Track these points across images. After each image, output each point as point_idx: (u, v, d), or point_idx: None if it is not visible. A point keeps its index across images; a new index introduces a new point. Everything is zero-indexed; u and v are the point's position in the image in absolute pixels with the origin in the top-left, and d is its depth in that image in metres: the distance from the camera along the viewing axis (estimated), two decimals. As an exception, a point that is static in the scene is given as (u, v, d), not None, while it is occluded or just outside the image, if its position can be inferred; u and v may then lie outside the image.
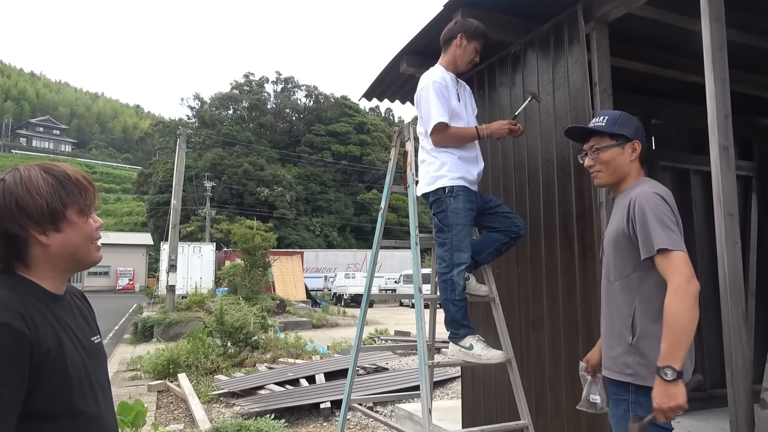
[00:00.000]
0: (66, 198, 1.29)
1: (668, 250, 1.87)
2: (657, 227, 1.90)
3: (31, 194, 1.25)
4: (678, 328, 1.79)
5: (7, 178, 1.29)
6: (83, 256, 1.35)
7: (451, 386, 7.79)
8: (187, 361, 9.32)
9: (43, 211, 1.25)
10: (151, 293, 30.79)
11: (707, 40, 2.57)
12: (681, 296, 1.81)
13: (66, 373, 1.24)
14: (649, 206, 1.94)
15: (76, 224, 1.31)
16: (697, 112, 2.69)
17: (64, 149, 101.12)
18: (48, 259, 1.29)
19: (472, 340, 3.04)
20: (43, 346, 1.20)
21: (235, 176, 46.80)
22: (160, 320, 16.29)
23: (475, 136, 3.14)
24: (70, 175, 1.32)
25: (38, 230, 1.26)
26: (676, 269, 1.85)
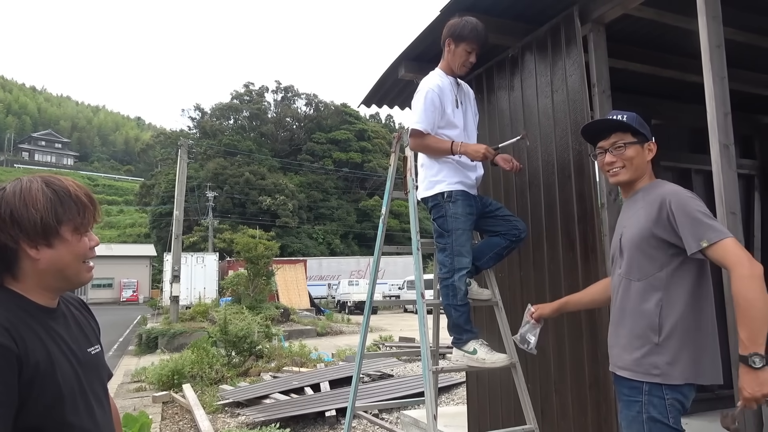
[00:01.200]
0: (62, 215, 1.27)
1: (721, 240, 1.85)
2: (705, 221, 1.90)
3: (27, 207, 1.24)
4: (756, 313, 1.74)
5: (7, 187, 1.28)
6: (72, 275, 1.32)
7: (456, 392, 7.75)
8: (192, 372, 9.30)
9: (36, 226, 1.24)
10: (155, 304, 30.80)
11: (705, 38, 2.56)
12: (749, 281, 1.77)
13: (57, 388, 1.22)
14: (690, 204, 1.95)
15: (69, 242, 1.28)
16: (698, 111, 2.69)
17: (66, 162, 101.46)
18: (36, 274, 1.27)
19: (476, 345, 3.02)
20: (31, 360, 1.18)
21: (237, 186, 46.90)
22: (164, 331, 16.27)
23: (448, 152, 3.05)
24: (70, 191, 1.30)
25: (29, 244, 1.24)
26: (736, 255, 1.82)
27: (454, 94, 3.19)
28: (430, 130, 3.09)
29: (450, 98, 3.16)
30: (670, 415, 1.92)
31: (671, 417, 1.92)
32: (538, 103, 3.66)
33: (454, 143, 3.04)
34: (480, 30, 3.11)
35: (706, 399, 4.15)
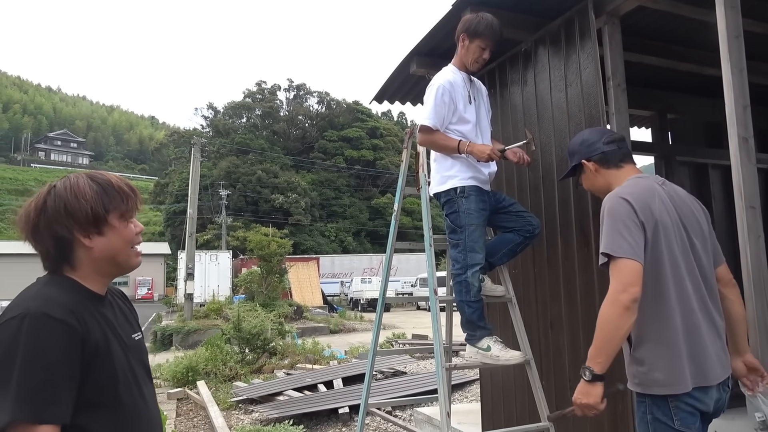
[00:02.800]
0: (108, 204, 1.39)
1: (612, 256, 1.86)
2: (608, 232, 1.90)
3: (77, 199, 1.35)
4: (602, 335, 1.84)
5: (58, 184, 1.40)
6: (123, 260, 1.43)
7: (470, 389, 7.73)
8: (206, 369, 9.36)
9: (88, 216, 1.35)
10: (169, 302, 31.06)
11: (723, 29, 2.51)
12: (611, 305, 1.83)
13: (112, 367, 1.34)
14: (608, 210, 1.95)
15: (117, 228, 1.40)
16: (714, 105, 2.65)
17: (82, 162, 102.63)
18: (91, 261, 1.38)
19: (489, 342, 3.00)
20: (92, 341, 1.29)
21: (250, 184, 47.11)
22: (178, 328, 16.41)
23: (454, 150, 3.04)
24: (113, 182, 1.43)
25: (83, 233, 1.36)
26: (615, 276, 1.84)
27: (467, 90, 3.16)
28: (439, 127, 3.07)
29: (462, 94, 3.13)
30: (675, 417, 1.87)
31: (677, 419, 1.87)
32: (551, 97, 3.62)
33: (461, 142, 3.02)
34: (495, 27, 3.08)
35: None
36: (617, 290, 1.82)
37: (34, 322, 1.23)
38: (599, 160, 2.14)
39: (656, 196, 1.97)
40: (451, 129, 3.11)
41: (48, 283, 1.36)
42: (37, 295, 1.31)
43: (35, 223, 1.36)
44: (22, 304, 1.28)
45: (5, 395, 1.18)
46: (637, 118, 5.80)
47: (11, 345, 1.21)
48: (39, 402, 1.19)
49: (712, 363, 1.89)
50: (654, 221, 1.90)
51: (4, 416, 1.17)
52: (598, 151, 2.14)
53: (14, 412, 1.17)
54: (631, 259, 1.83)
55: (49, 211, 1.35)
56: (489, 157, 2.97)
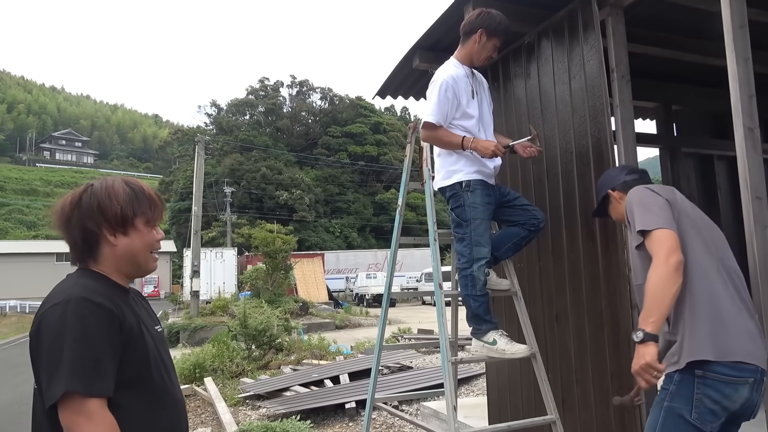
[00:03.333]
0: (137, 208, 1.51)
1: (647, 231, 1.97)
2: (638, 214, 2.04)
3: (111, 199, 1.48)
4: (653, 294, 1.87)
5: (95, 184, 1.53)
6: (142, 261, 1.54)
7: (476, 383, 7.73)
8: (213, 365, 9.39)
9: (117, 215, 1.48)
10: (175, 299, 31.19)
11: (727, 19, 2.49)
12: (660, 267, 1.88)
13: (145, 350, 1.45)
14: (633, 198, 2.13)
15: (141, 232, 1.52)
16: (720, 95, 2.63)
17: (87, 161, 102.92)
18: (114, 258, 1.50)
19: (495, 335, 3.00)
20: (127, 324, 1.41)
21: (254, 181, 47.15)
22: (185, 326, 16.46)
23: (458, 146, 3.02)
24: (144, 190, 1.56)
25: (110, 230, 1.48)
26: (657, 246, 1.93)
27: (470, 84, 3.15)
28: (442, 123, 3.06)
29: (465, 89, 3.12)
30: (694, 410, 1.86)
31: (695, 412, 1.86)
32: (555, 90, 3.61)
33: (465, 138, 3.00)
34: (510, 29, 3.17)
35: None
36: (663, 255, 1.90)
37: (78, 305, 1.34)
38: (623, 188, 2.32)
39: (676, 194, 2.13)
40: (454, 124, 3.10)
41: (82, 275, 1.48)
42: (76, 284, 1.42)
43: (69, 216, 1.48)
44: (63, 291, 1.39)
45: (58, 370, 1.28)
46: (641, 109, 5.78)
47: (60, 326, 1.32)
48: (88, 377, 1.29)
49: (739, 338, 1.89)
50: (678, 207, 2.05)
51: (59, 388, 1.27)
52: (621, 181, 2.36)
53: (68, 385, 1.27)
54: (666, 228, 1.95)
55: (83, 206, 1.47)
56: (493, 153, 2.96)
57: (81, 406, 1.29)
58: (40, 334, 1.35)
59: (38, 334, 1.35)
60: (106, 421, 1.32)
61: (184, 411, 1.61)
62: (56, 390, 1.28)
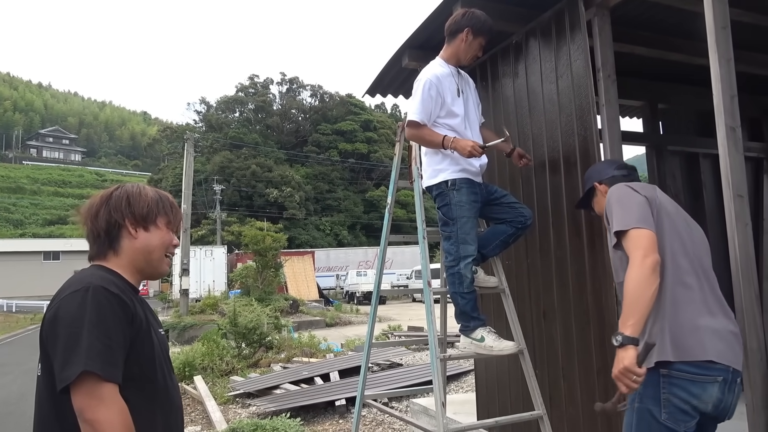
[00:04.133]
0: (161, 209, 1.64)
1: (624, 231, 1.96)
2: (616, 212, 2.03)
3: (141, 196, 1.62)
4: (631, 296, 1.85)
5: (126, 185, 1.66)
6: (155, 260, 1.63)
7: (465, 380, 7.78)
8: (203, 364, 9.38)
9: (143, 210, 1.60)
10: (165, 298, 31.02)
11: (710, 20, 2.53)
12: (637, 268, 1.87)
13: (151, 348, 1.50)
14: (612, 196, 2.12)
15: (161, 230, 1.63)
16: (705, 94, 2.67)
17: (74, 158, 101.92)
18: (132, 252, 1.58)
19: (483, 332, 3.03)
20: (138, 319, 1.47)
21: (244, 178, 46.95)
22: (174, 324, 16.40)
23: (439, 145, 3.04)
24: (169, 198, 1.71)
25: (132, 223, 1.58)
26: (633, 246, 1.93)
27: (455, 83, 3.17)
28: (426, 121, 3.09)
29: (450, 87, 3.14)
30: (663, 410, 1.87)
31: (665, 412, 1.86)
32: (542, 89, 3.64)
33: (445, 138, 3.03)
34: (493, 27, 3.20)
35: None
36: (640, 256, 1.89)
37: (96, 293, 1.40)
38: (609, 183, 2.29)
39: (657, 192, 2.11)
40: (439, 123, 3.13)
41: (98, 269, 1.54)
42: (93, 274, 1.49)
43: (97, 210, 1.58)
44: (82, 280, 1.45)
45: (76, 352, 1.32)
46: (627, 108, 5.83)
47: (79, 311, 1.37)
48: (105, 361, 1.34)
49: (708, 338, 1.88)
50: (658, 205, 2.03)
51: (76, 368, 1.31)
52: (609, 175, 2.34)
53: (87, 365, 1.31)
54: (645, 228, 1.93)
55: (113, 201, 1.59)
56: (470, 153, 2.97)
57: (95, 389, 1.32)
58: (57, 319, 1.38)
59: (55, 320, 1.39)
60: (118, 405, 1.34)
61: (182, 414, 1.65)
62: (73, 370, 1.30)
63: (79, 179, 78.16)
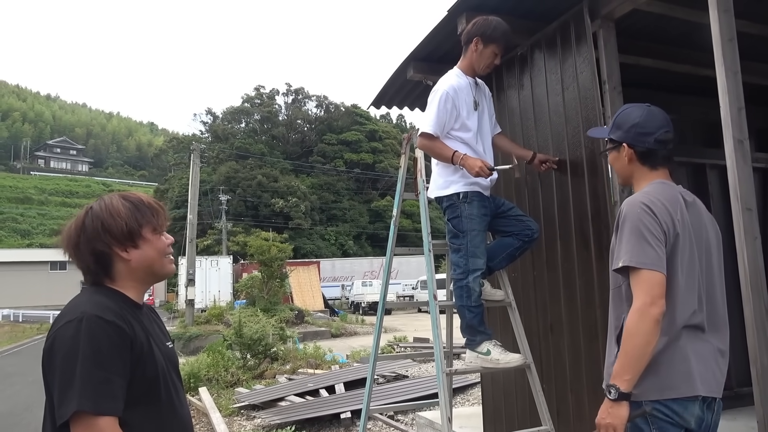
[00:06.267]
0: (141, 219, 1.54)
1: (636, 268, 1.79)
2: (631, 241, 1.82)
3: (113, 217, 1.50)
4: (632, 350, 1.77)
5: (94, 205, 1.55)
6: (158, 268, 1.58)
7: (471, 392, 7.72)
8: (208, 375, 9.37)
9: (123, 231, 1.50)
10: (170, 308, 31.10)
11: (716, 32, 2.52)
12: (641, 318, 1.75)
13: (154, 368, 1.47)
14: (630, 217, 1.87)
15: (151, 241, 1.55)
16: (712, 105, 2.65)
17: (82, 169, 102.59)
18: (129, 272, 1.53)
19: (489, 345, 3.00)
20: (137, 342, 1.43)
21: (250, 189, 47.11)
22: (180, 334, 16.41)
23: (448, 160, 3.05)
24: (143, 200, 1.58)
25: (120, 247, 1.50)
26: (642, 289, 1.77)
27: (472, 96, 3.16)
28: (439, 134, 3.08)
29: (467, 100, 3.13)
30: (652, 426, 1.83)
31: (654, 427, 1.83)
32: (548, 101, 3.63)
33: (455, 154, 3.03)
34: (509, 33, 3.13)
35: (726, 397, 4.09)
36: (647, 303, 1.75)
37: (91, 323, 1.36)
38: (641, 153, 1.99)
39: (679, 208, 1.90)
40: (452, 135, 3.12)
41: (95, 292, 1.50)
42: (89, 300, 1.45)
43: (76, 242, 1.50)
44: (77, 308, 1.41)
45: (70, 389, 1.31)
46: (634, 119, 5.80)
47: (73, 344, 1.34)
48: (99, 396, 1.32)
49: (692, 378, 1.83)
50: (675, 234, 1.85)
51: (70, 407, 1.30)
52: (645, 145, 1.98)
53: (80, 403, 1.29)
54: (657, 271, 1.78)
55: (88, 230, 1.49)
56: (477, 174, 2.96)
57: (91, 425, 1.31)
58: (53, 352, 1.37)
59: (51, 352, 1.37)
60: None
61: (191, 429, 1.64)
62: (67, 409, 1.30)
63: (86, 189, 78.55)
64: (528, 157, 3.38)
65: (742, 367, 2.33)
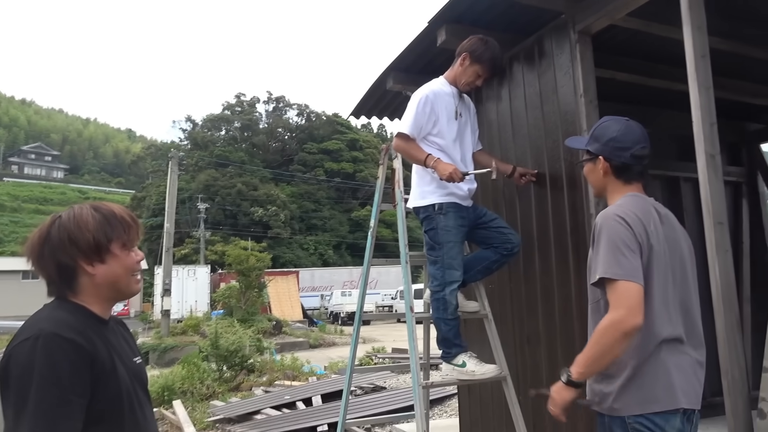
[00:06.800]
0: (111, 233, 1.47)
1: (612, 280, 1.80)
2: (607, 253, 1.83)
3: (81, 229, 1.44)
4: (596, 352, 1.82)
5: (62, 215, 1.48)
6: (124, 286, 1.51)
7: (449, 403, 7.69)
8: (182, 387, 9.20)
9: (90, 244, 1.44)
10: (146, 318, 30.50)
11: (690, 48, 2.57)
12: (614, 327, 1.77)
13: (117, 387, 1.41)
14: (605, 230, 1.87)
15: (119, 257, 1.48)
16: (686, 119, 2.69)
17: (56, 175, 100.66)
18: (94, 287, 1.46)
19: (464, 357, 2.99)
20: (99, 360, 1.37)
21: (229, 197, 46.71)
22: (155, 346, 16.13)
23: (421, 162, 3.06)
24: (115, 213, 1.51)
25: (85, 261, 1.44)
26: (618, 300, 1.78)
27: (454, 105, 3.17)
28: (416, 135, 3.10)
29: (447, 107, 3.14)
30: None
31: None
32: (527, 113, 3.66)
33: (428, 156, 3.03)
34: (497, 61, 3.13)
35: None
36: (623, 314, 1.76)
37: (47, 342, 1.31)
38: (617, 167, 2.00)
39: (652, 221, 1.91)
40: (429, 139, 3.13)
41: (57, 307, 1.44)
42: (48, 317, 1.39)
43: (40, 252, 1.45)
44: (34, 325, 1.36)
45: (24, 411, 1.26)
46: (610, 132, 5.88)
47: (28, 364, 1.29)
48: (55, 417, 1.27)
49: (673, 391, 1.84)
50: (649, 246, 1.86)
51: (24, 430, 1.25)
52: (621, 160, 1.99)
53: (33, 428, 1.25)
54: (634, 282, 1.78)
55: (53, 240, 1.43)
56: (449, 178, 2.95)
57: None
58: (8, 371, 1.31)
59: (6, 371, 1.32)
60: None
61: None
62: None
63: (61, 197, 77.08)
64: (508, 170, 3.40)
65: (714, 378, 2.35)
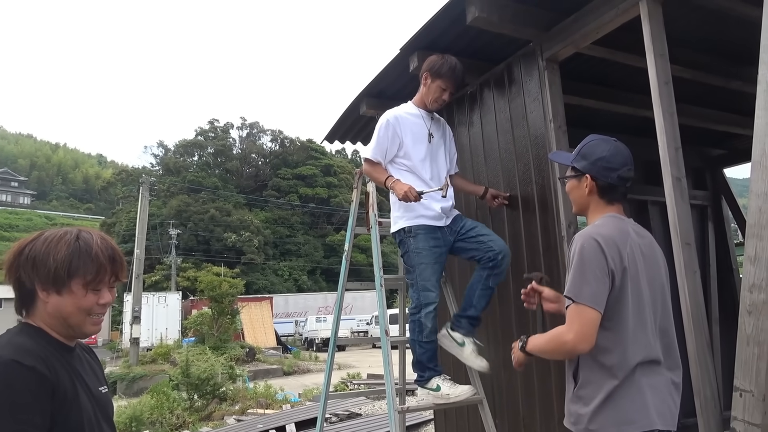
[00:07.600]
0: (76, 270, 1.41)
1: (574, 300, 1.86)
2: (576, 274, 1.89)
3: (47, 255, 1.40)
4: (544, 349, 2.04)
5: (44, 234, 1.47)
6: (74, 324, 1.45)
7: (426, 429, 7.61)
8: (151, 418, 8.93)
9: (49, 274, 1.40)
10: (114, 347, 29.66)
11: (653, 76, 2.65)
12: (561, 342, 1.91)
13: (79, 417, 1.37)
14: (579, 250, 1.91)
15: (75, 295, 1.42)
16: (652, 144, 2.76)
17: (23, 201, 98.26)
18: (46, 315, 1.43)
19: (438, 381, 2.97)
20: (61, 389, 1.33)
21: (202, 223, 46.13)
22: (123, 375, 15.67)
23: (382, 184, 3.16)
24: (93, 249, 1.44)
25: (41, 287, 1.41)
26: (575, 321, 1.86)
27: (425, 127, 3.21)
28: (380, 160, 3.16)
29: (412, 129, 3.18)
30: None
31: None
32: (498, 138, 3.72)
33: (388, 178, 3.12)
34: (458, 71, 3.18)
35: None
36: (572, 339, 1.85)
37: (6, 369, 1.27)
38: (602, 187, 2.03)
39: (629, 242, 1.93)
40: (397, 162, 3.19)
41: (19, 332, 1.41)
42: (8, 343, 1.35)
43: (10, 263, 1.44)
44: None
45: None
46: (580, 157, 6.01)
47: None
48: None
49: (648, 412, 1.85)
50: (622, 268, 1.88)
51: None
52: (608, 180, 2.02)
53: None
54: (593, 308, 1.83)
55: (22, 257, 1.43)
56: (405, 197, 2.97)
57: None
58: None
59: None
60: None
61: None
62: None
63: (27, 223, 75.08)
64: (480, 192, 3.44)
65: (686, 398, 2.37)
